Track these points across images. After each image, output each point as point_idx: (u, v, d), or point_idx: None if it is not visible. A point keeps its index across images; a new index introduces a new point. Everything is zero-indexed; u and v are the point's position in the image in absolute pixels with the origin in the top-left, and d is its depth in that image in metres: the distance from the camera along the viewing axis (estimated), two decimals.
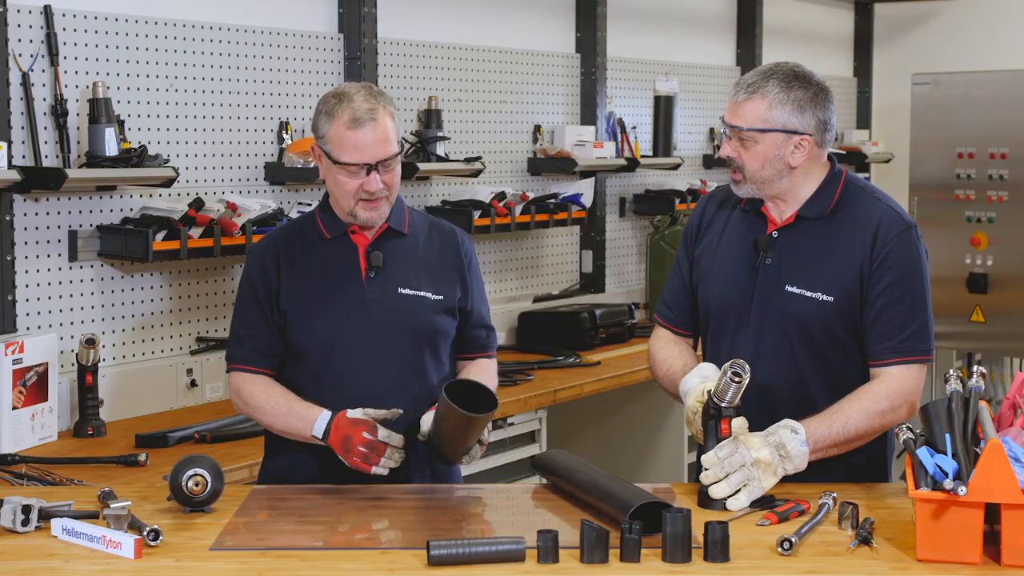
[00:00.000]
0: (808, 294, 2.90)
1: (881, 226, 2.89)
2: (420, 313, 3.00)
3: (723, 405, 2.69)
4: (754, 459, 2.65)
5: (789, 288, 2.91)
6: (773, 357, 2.91)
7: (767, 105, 2.85)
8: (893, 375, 2.86)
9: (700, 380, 2.84)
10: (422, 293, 3.01)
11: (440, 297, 3.03)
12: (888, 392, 2.83)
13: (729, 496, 2.64)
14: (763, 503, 2.65)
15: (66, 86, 3.79)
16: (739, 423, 2.70)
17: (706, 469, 2.67)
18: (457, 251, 3.10)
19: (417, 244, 3.07)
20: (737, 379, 2.66)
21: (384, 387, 2.95)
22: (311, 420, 2.90)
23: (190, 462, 2.65)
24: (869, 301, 2.87)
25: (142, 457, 3.40)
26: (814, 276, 2.90)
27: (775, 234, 2.96)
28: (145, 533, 2.41)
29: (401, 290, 3.00)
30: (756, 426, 2.75)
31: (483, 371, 3.12)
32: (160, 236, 3.85)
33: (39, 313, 3.80)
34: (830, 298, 2.88)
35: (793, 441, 2.69)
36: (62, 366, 3.78)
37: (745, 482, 2.64)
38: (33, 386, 3.60)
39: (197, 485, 2.62)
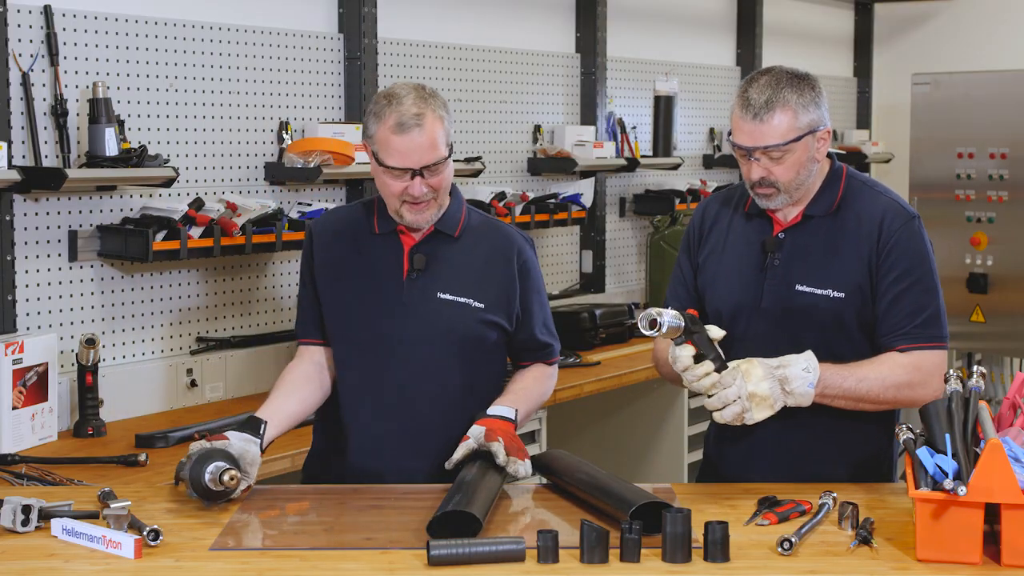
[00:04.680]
0: (819, 291, 2.90)
1: (885, 218, 2.90)
2: (459, 319, 2.94)
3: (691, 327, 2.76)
4: (749, 392, 2.70)
5: (799, 287, 2.91)
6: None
7: (793, 114, 2.82)
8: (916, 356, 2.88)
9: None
10: (463, 299, 2.95)
11: (481, 305, 2.96)
12: (913, 367, 2.84)
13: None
14: (764, 503, 2.65)
15: (66, 86, 3.79)
16: (715, 331, 2.81)
17: (704, 388, 2.75)
18: (510, 259, 3.02)
19: (467, 249, 3.00)
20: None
21: (420, 391, 2.93)
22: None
23: (210, 456, 2.64)
24: (880, 293, 2.88)
25: (142, 457, 3.40)
26: (823, 273, 2.90)
27: (782, 235, 2.95)
28: (145, 533, 2.41)
29: (441, 295, 2.95)
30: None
31: (528, 376, 3.08)
32: (160, 236, 3.85)
33: (39, 313, 3.80)
34: (841, 294, 2.89)
35: (800, 380, 2.74)
36: (62, 366, 3.77)
37: (739, 413, 2.72)
38: (33, 386, 3.60)
39: (232, 479, 2.62)
